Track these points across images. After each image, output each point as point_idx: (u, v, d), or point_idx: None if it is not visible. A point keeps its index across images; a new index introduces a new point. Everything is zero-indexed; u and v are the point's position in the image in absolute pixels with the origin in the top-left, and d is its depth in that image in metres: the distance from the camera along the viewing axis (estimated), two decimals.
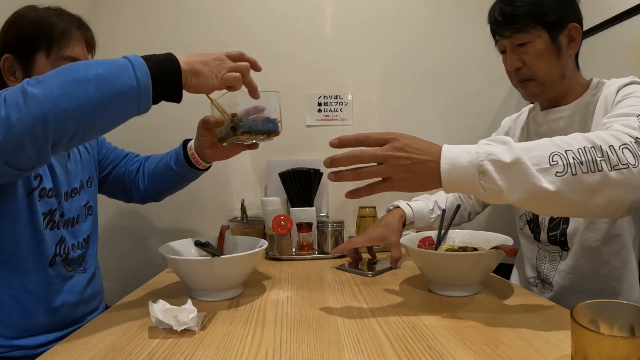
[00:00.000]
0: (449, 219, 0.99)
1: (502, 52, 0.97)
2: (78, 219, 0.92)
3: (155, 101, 0.66)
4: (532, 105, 1.13)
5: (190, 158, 1.00)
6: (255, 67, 0.80)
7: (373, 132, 0.66)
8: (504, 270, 1.11)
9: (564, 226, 0.95)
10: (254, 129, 0.81)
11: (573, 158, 0.60)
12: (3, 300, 0.79)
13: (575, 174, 0.60)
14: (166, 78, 0.66)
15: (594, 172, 0.60)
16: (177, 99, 0.68)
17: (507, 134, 1.14)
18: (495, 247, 0.77)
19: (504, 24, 0.90)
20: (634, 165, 0.60)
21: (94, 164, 1.03)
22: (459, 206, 1.04)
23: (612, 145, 0.61)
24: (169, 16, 1.50)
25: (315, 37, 1.54)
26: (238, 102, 0.80)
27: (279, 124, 0.84)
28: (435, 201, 1.13)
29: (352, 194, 0.67)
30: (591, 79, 0.95)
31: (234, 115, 0.80)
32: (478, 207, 1.20)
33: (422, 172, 0.64)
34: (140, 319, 0.71)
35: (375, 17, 1.55)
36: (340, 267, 1.05)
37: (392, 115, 1.57)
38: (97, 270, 0.98)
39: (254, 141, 0.88)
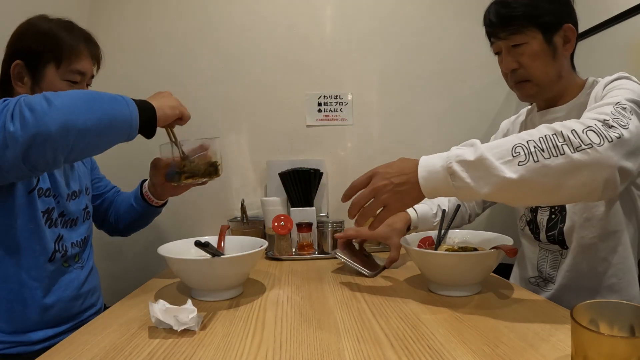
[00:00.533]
0: (449, 219, 0.99)
1: (497, 53, 0.97)
2: (77, 220, 0.95)
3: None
4: (530, 106, 1.13)
5: (144, 196, 1.09)
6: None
7: (356, 180, 0.77)
8: (504, 270, 1.11)
9: (561, 225, 0.95)
10: (197, 174, 0.92)
11: (534, 146, 0.64)
12: (2, 296, 0.80)
13: (537, 161, 0.64)
14: (147, 116, 0.79)
15: (557, 156, 0.63)
16: (151, 134, 0.81)
17: (505, 136, 1.14)
18: (495, 247, 0.77)
19: (499, 25, 0.91)
20: (599, 144, 0.63)
21: (89, 178, 1.08)
22: (459, 206, 1.04)
23: (574, 130, 0.64)
24: (169, 17, 1.50)
25: (315, 37, 1.54)
26: (183, 144, 0.94)
27: (220, 167, 0.94)
28: (438, 205, 1.13)
29: (371, 228, 0.79)
30: (587, 79, 0.95)
31: (183, 157, 0.93)
32: (478, 209, 1.20)
33: (407, 189, 0.72)
34: (140, 319, 0.71)
35: (375, 17, 1.55)
36: (339, 256, 1.03)
37: (392, 115, 1.57)
38: (93, 267, 1.00)
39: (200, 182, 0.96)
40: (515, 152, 0.65)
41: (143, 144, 0.87)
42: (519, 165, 0.64)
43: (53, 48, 0.86)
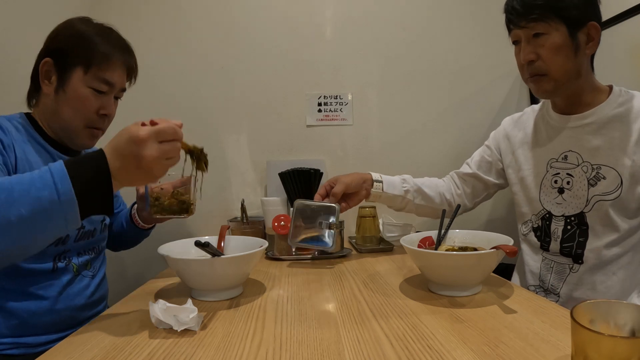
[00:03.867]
0: (449, 219, 0.99)
1: (515, 42, 0.93)
2: (94, 232, 0.96)
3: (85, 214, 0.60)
4: (534, 105, 1.12)
5: (132, 218, 1.10)
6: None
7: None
8: (504, 270, 1.11)
9: (580, 239, 0.93)
10: (168, 211, 0.87)
11: None
12: (8, 299, 0.80)
13: None
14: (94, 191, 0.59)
15: None
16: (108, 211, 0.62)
17: (507, 134, 1.12)
18: (495, 247, 0.77)
19: (522, 13, 0.88)
20: None
21: None
22: (459, 206, 1.03)
23: None
24: (168, 16, 1.50)
25: (315, 37, 1.54)
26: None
27: (193, 206, 0.89)
28: (412, 179, 1.16)
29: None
30: (610, 86, 0.93)
31: (156, 199, 0.87)
32: (468, 203, 1.18)
33: None
34: (140, 319, 0.71)
35: (375, 17, 1.55)
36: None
37: (392, 115, 1.57)
38: (104, 277, 1.01)
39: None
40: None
41: None
42: None
43: (84, 51, 0.83)
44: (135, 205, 1.09)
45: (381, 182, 1.10)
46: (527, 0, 0.87)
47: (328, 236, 1.01)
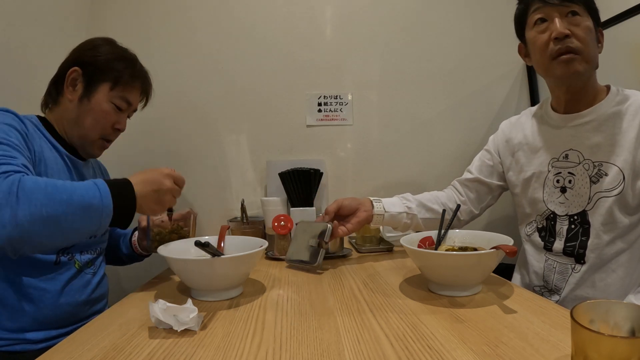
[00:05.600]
0: (449, 219, 0.98)
1: (541, 22, 0.91)
2: (97, 234, 0.97)
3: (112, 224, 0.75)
4: (531, 108, 1.12)
5: (132, 243, 1.14)
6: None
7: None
8: (504, 271, 1.11)
9: (583, 238, 0.93)
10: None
11: None
12: (12, 292, 0.81)
13: None
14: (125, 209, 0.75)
15: None
16: (126, 225, 0.77)
17: (506, 137, 1.12)
18: (495, 247, 0.77)
19: None
20: None
21: None
22: (459, 206, 1.03)
23: None
24: (168, 16, 1.50)
25: (315, 37, 1.54)
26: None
27: None
28: (411, 196, 1.13)
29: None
30: (608, 85, 0.94)
31: (157, 234, 0.97)
32: (474, 209, 1.17)
33: None
34: (140, 319, 0.71)
35: (376, 17, 1.56)
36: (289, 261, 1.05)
37: (392, 115, 1.57)
38: (105, 275, 1.03)
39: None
40: None
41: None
42: None
43: (115, 71, 0.94)
44: (136, 233, 1.14)
45: (380, 201, 1.07)
46: None
47: (314, 253, 1.01)
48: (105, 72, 0.93)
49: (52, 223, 0.66)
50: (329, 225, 1.01)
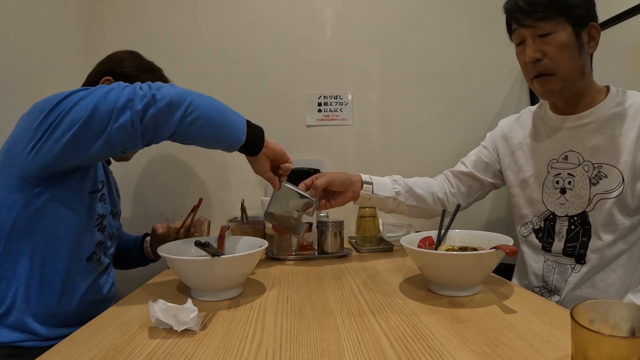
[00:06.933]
0: (449, 219, 0.98)
1: (519, 44, 0.93)
2: (113, 235, 1.04)
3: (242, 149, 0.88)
4: (531, 107, 1.11)
5: (144, 248, 1.20)
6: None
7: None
8: (504, 271, 1.11)
9: (583, 239, 0.93)
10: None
11: None
12: (52, 285, 0.82)
13: None
14: (254, 135, 0.90)
15: None
16: (255, 152, 0.91)
17: (505, 135, 1.12)
18: (495, 247, 0.77)
19: (528, 11, 0.86)
20: None
21: (120, 209, 1.16)
22: (459, 206, 1.03)
23: None
24: (168, 16, 1.50)
25: (315, 37, 1.54)
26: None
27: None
28: (403, 180, 1.13)
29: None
30: (607, 86, 0.93)
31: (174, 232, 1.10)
32: (462, 202, 1.16)
33: None
34: (140, 319, 0.71)
35: (375, 17, 1.55)
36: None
37: (392, 115, 1.57)
38: (115, 280, 1.06)
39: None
40: None
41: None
42: None
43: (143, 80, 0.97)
44: (148, 239, 1.19)
45: (371, 184, 1.07)
46: None
47: (297, 224, 1.01)
48: (135, 81, 0.97)
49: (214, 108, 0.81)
50: (315, 200, 1.01)
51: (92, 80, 0.99)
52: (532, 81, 0.93)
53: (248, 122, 0.88)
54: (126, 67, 1.00)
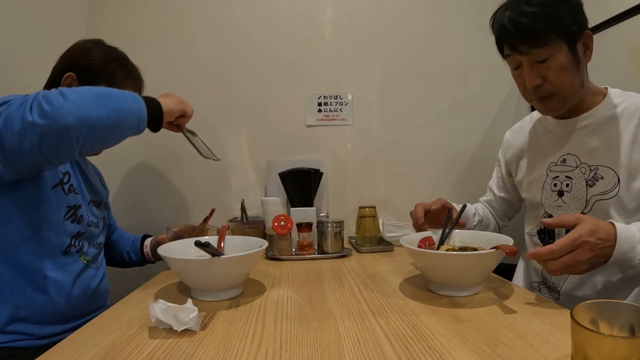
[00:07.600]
0: (454, 220, 0.98)
1: (516, 68, 0.91)
2: (98, 224, 1.01)
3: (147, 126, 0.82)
4: (532, 113, 1.12)
5: (144, 251, 1.18)
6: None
7: (559, 246, 0.69)
8: (504, 270, 1.11)
9: None
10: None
11: None
12: (22, 280, 0.81)
13: None
14: (153, 110, 0.84)
15: None
16: (157, 127, 0.86)
17: (509, 146, 1.13)
18: (495, 247, 0.77)
19: (520, 37, 0.83)
20: None
21: (107, 200, 1.14)
22: (464, 206, 1.03)
23: None
24: (168, 16, 1.50)
25: (315, 37, 1.54)
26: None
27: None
28: (475, 207, 1.18)
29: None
30: (605, 88, 0.93)
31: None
32: (502, 222, 1.22)
33: (601, 261, 0.71)
34: (140, 319, 0.71)
35: (375, 17, 1.55)
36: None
37: (392, 115, 1.57)
38: (105, 272, 1.04)
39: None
40: None
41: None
42: None
43: (110, 73, 0.95)
44: (147, 241, 1.18)
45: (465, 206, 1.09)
46: (523, 23, 0.82)
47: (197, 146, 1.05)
48: (99, 75, 0.94)
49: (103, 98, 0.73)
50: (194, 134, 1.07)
51: (56, 75, 0.94)
52: (533, 100, 0.92)
53: (145, 101, 0.82)
54: (94, 57, 0.95)
